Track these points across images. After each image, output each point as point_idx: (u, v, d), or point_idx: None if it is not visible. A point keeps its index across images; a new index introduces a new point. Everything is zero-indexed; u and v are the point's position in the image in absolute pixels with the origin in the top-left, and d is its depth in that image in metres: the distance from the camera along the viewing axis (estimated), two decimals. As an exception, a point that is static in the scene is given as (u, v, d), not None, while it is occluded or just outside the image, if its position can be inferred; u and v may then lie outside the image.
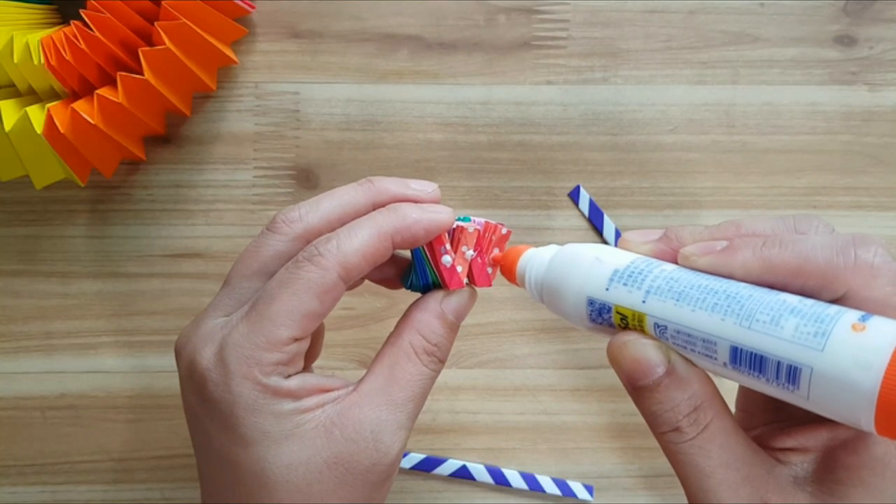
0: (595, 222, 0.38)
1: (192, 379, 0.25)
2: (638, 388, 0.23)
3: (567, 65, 0.38)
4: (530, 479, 0.38)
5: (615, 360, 0.23)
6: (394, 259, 0.29)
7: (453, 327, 0.27)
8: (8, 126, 0.32)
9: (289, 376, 0.25)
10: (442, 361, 0.27)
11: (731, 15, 0.38)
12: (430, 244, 0.27)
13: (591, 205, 0.38)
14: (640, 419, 0.27)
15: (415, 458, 0.38)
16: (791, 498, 0.22)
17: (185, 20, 0.33)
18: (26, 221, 0.38)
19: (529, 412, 0.39)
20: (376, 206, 0.27)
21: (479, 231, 0.27)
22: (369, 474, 0.25)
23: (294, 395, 0.25)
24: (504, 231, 0.28)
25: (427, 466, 0.38)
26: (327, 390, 0.26)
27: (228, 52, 0.36)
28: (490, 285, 0.28)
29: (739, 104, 0.38)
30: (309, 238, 0.26)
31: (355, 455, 0.25)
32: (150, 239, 0.38)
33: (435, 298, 0.27)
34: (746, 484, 0.22)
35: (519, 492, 0.39)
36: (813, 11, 0.38)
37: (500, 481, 0.38)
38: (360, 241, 0.25)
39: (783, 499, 0.22)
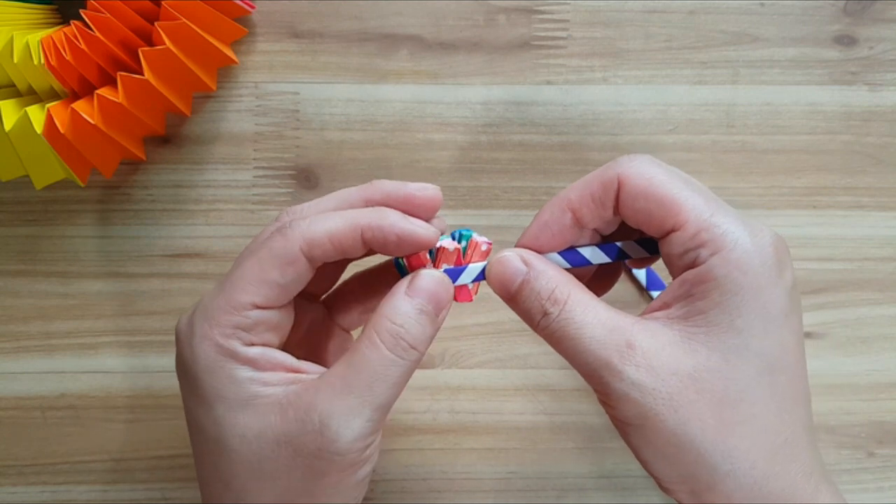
0: (595, 222, 0.38)
1: (175, 345, 0.26)
2: (513, 295, 0.26)
3: (567, 65, 0.38)
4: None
5: (493, 284, 0.27)
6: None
7: (424, 309, 0.26)
8: (8, 126, 0.32)
9: (251, 344, 0.25)
10: (414, 348, 0.25)
11: (731, 15, 0.38)
12: (410, 264, 0.27)
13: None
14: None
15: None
16: (656, 336, 0.24)
17: (185, 20, 0.33)
18: (26, 221, 0.38)
19: (529, 412, 0.39)
20: (369, 202, 0.27)
21: (458, 249, 0.27)
22: (318, 461, 0.25)
23: (253, 364, 0.25)
24: (484, 248, 0.28)
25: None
26: (296, 371, 0.26)
27: (228, 52, 0.36)
28: (471, 300, 0.28)
29: (739, 104, 0.38)
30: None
31: (302, 437, 0.24)
32: (150, 239, 0.38)
33: (402, 281, 0.26)
34: (612, 334, 0.25)
35: (520, 492, 0.39)
36: (813, 11, 0.38)
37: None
38: (332, 223, 0.25)
39: (648, 338, 0.24)
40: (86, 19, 0.32)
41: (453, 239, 0.27)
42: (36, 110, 0.32)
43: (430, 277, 0.26)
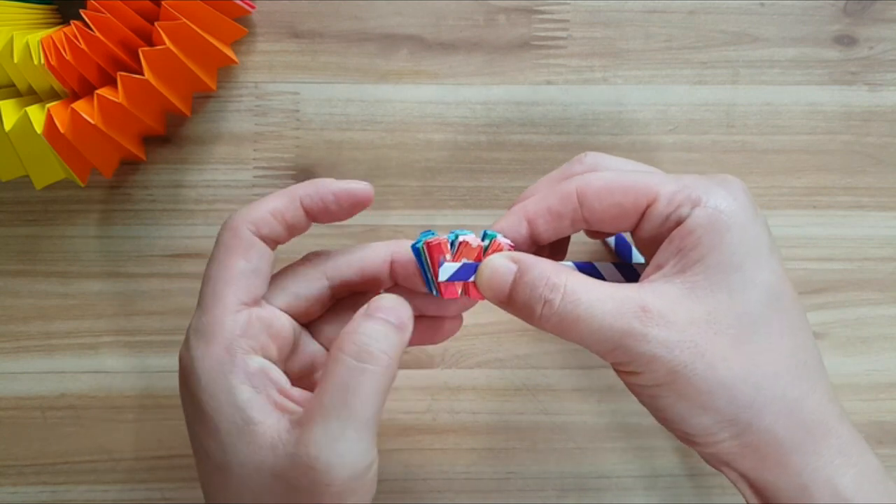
0: (595, 222, 0.38)
1: (179, 377, 0.26)
2: (508, 294, 0.26)
3: (567, 65, 0.38)
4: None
5: (485, 289, 0.27)
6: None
7: (386, 320, 0.25)
8: (8, 126, 0.32)
9: (251, 351, 0.25)
10: (380, 354, 0.25)
11: (731, 15, 0.38)
12: (430, 252, 0.27)
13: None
14: (641, 419, 0.27)
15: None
16: (665, 295, 0.25)
17: (185, 20, 0.33)
18: (26, 221, 0.38)
19: (529, 412, 0.39)
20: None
21: (481, 247, 0.27)
22: (312, 495, 0.24)
23: (252, 381, 0.25)
24: (506, 248, 0.28)
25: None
26: (287, 396, 0.26)
27: (228, 52, 0.36)
28: (483, 298, 0.28)
29: (739, 104, 0.38)
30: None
31: (294, 472, 0.24)
32: (150, 239, 0.38)
33: (361, 308, 0.26)
34: (623, 304, 0.25)
35: (520, 492, 0.39)
36: (813, 11, 0.38)
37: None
38: (268, 201, 0.27)
39: (658, 298, 0.25)
40: (86, 19, 0.32)
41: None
42: (36, 110, 0.32)
43: (387, 299, 0.26)
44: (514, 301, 0.26)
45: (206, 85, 0.36)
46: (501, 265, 0.26)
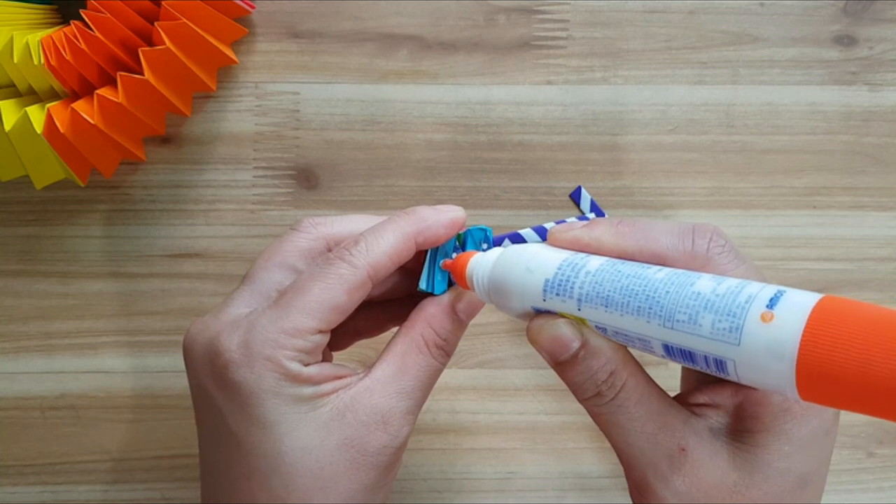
0: (595, 222, 0.38)
1: (213, 363, 0.26)
2: (559, 363, 0.25)
3: (567, 65, 0.38)
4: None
5: (535, 342, 0.25)
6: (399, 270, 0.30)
7: (463, 325, 0.28)
8: (8, 126, 0.32)
9: (308, 364, 0.26)
10: (449, 355, 0.28)
11: (731, 15, 0.38)
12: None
13: (593, 205, 0.38)
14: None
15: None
16: (706, 444, 0.24)
17: (185, 20, 0.33)
18: (26, 221, 0.38)
19: (529, 412, 0.39)
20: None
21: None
22: (380, 456, 0.26)
23: (312, 381, 0.26)
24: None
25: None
26: (341, 377, 0.27)
27: (228, 52, 0.36)
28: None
29: (739, 104, 0.38)
30: (331, 239, 0.28)
31: (366, 437, 0.26)
32: (150, 239, 0.38)
33: (448, 295, 0.28)
34: (664, 432, 0.24)
35: (520, 492, 0.39)
36: (813, 11, 0.38)
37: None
38: (387, 243, 0.27)
39: (699, 444, 0.24)
40: (86, 19, 0.32)
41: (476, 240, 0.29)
42: (36, 110, 0.32)
43: (475, 297, 0.27)
44: (565, 374, 0.25)
45: (206, 85, 0.36)
46: (565, 334, 0.24)
